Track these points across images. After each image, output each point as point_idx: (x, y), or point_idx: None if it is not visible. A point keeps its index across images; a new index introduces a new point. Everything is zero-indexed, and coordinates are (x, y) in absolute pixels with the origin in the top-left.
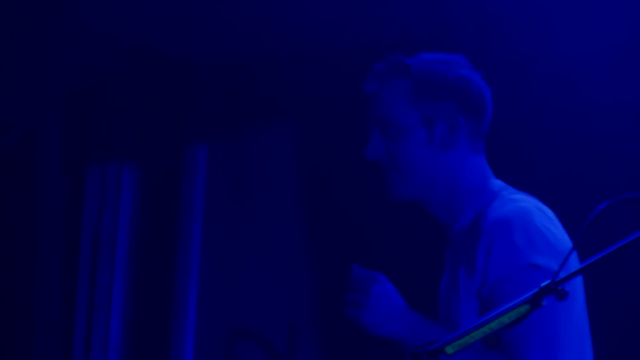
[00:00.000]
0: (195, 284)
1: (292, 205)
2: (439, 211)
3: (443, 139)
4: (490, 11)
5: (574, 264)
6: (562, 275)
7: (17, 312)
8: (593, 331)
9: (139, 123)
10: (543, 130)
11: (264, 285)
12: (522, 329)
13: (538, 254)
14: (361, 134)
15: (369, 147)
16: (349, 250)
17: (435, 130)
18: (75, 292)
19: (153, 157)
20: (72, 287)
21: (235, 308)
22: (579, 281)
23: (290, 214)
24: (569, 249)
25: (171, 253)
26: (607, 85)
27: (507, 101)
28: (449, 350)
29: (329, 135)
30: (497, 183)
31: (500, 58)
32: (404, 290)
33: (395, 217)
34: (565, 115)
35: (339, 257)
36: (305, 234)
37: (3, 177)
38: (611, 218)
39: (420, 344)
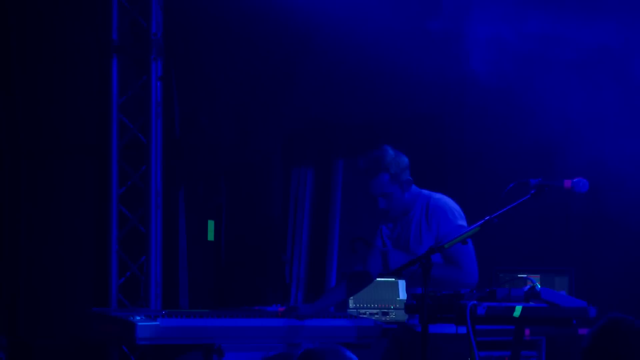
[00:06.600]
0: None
1: None
2: (400, 213)
3: (402, 187)
4: None
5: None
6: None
7: None
8: None
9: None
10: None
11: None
12: (460, 250)
13: (459, 220)
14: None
15: (380, 203)
16: None
17: (399, 185)
18: None
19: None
20: None
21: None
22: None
23: None
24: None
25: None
26: None
27: None
28: (446, 245)
29: None
30: (424, 191)
31: None
32: None
33: None
34: None
35: None
36: None
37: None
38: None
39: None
